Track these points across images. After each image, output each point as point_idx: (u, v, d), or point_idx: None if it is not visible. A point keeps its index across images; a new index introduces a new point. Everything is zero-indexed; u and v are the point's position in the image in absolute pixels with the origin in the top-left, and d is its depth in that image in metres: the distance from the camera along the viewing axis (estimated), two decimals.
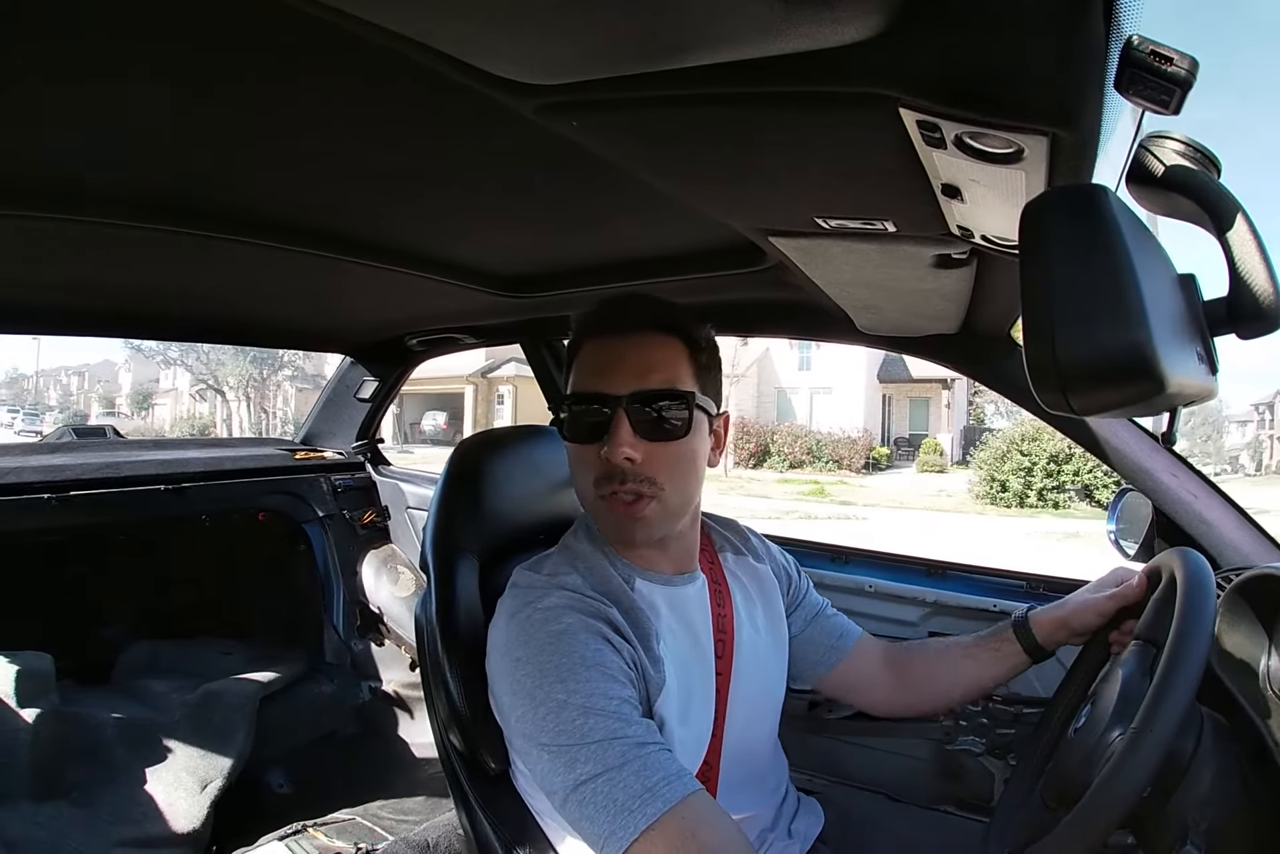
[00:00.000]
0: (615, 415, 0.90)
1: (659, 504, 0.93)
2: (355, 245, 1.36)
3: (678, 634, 0.97)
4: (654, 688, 0.90)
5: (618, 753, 0.77)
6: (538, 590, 0.91)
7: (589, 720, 0.78)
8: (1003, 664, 1.14)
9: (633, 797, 0.75)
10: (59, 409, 50.64)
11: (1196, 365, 0.59)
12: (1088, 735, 0.88)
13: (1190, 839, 0.75)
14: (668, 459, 0.92)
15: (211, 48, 0.69)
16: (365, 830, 1.99)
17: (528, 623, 0.87)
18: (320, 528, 2.76)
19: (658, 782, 0.76)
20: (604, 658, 0.84)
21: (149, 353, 33.81)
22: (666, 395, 0.92)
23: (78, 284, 1.61)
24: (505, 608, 0.93)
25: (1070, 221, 0.53)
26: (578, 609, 0.88)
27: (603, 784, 0.76)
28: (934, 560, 1.87)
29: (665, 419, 0.92)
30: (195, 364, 33.13)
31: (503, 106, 0.68)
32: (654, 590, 0.98)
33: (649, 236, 1.34)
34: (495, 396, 25.97)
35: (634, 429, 0.90)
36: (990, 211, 0.78)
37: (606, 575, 0.96)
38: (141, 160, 0.98)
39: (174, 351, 32.78)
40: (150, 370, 43.24)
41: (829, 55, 0.51)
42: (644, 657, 0.90)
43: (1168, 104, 0.48)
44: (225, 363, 32.29)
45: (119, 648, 2.55)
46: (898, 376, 25.23)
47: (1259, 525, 1.29)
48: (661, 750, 0.80)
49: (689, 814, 0.75)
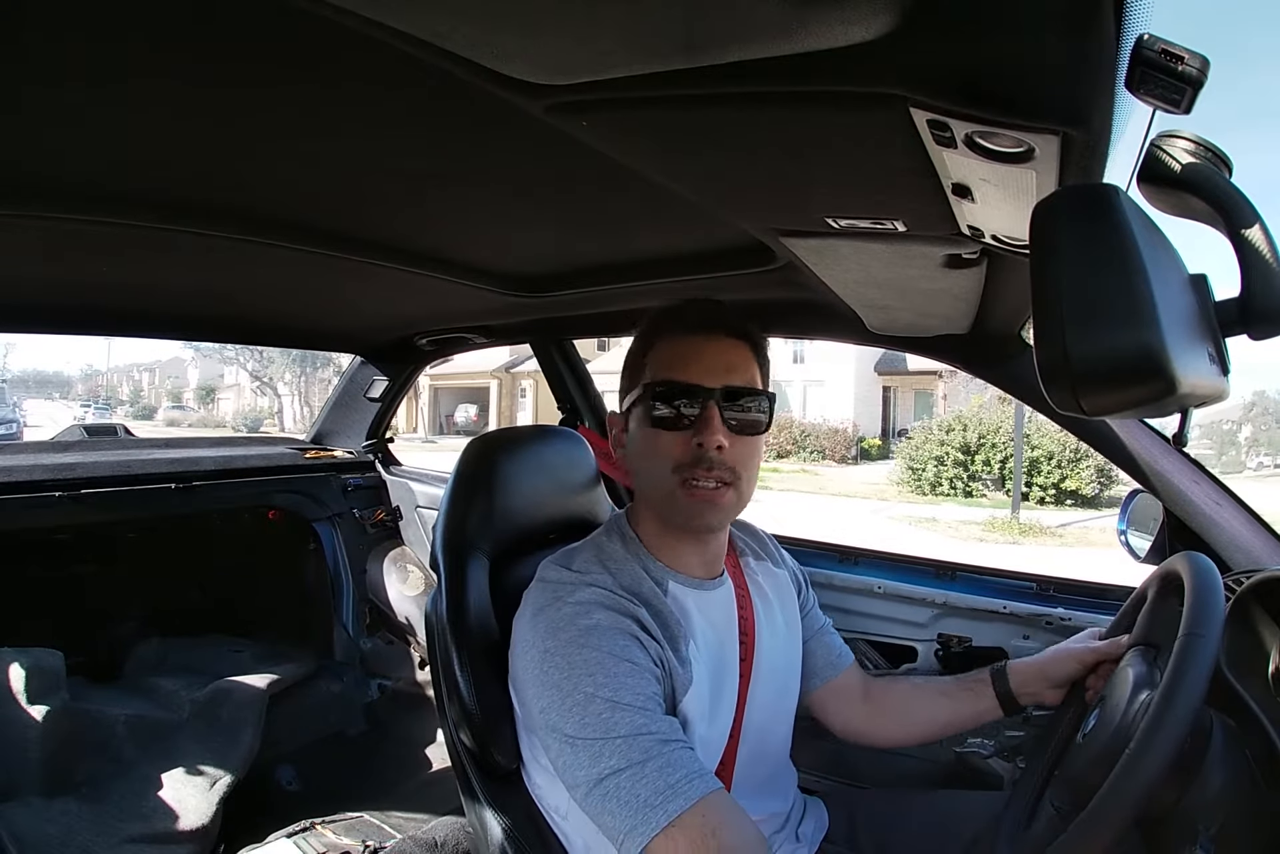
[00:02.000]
0: (708, 406, 0.94)
1: (735, 493, 0.96)
2: (367, 246, 1.36)
3: (708, 637, 0.98)
4: (680, 687, 0.91)
5: (642, 748, 0.78)
6: (568, 585, 0.92)
7: (616, 714, 0.79)
8: (974, 707, 1.16)
9: (655, 793, 0.75)
10: (129, 403, 52.25)
11: (1208, 366, 0.58)
12: (1096, 739, 0.88)
13: (1200, 842, 0.74)
14: (748, 452, 0.97)
15: (226, 49, 0.69)
16: (374, 828, 1.99)
17: (558, 616, 0.88)
18: (330, 527, 2.77)
19: (680, 779, 0.76)
20: (632, 653, 0.85)
21: (206, 351, 35.32)
22: (751, 392, 0.97)
23: (88, 284, 1.62)
24: (533, 601, 0.94)
25: (1081, 221, 0.52)
26: (607, 605, 0.89)
27: (626, 779, 0.76)
28: (944, 561, 1.86)
29: (750, 414, 0.97)
30: (250, 362, 34.51)
31: (513, 107, 0.68)
32: (686, 594, 0.99)
33: (659, 237, 1.34)
34: (518, 391, 26.61)
35: (724, 420, 0.94)
36: (1001, 211, 0.78)
37: (638, 577, 0.96)
38: (154, 161, 0.99)
39: (230, 351, 34.40)
40: (216, 366, 44.42)
41: (839, 55, 0.51)
42: (671, 656, 0.91)
43: (1179, 103, 0.47)
44: (275, 360, 33.51)
45: (129, 645, 2.57)
46: (897, 369, 25.39)
47: (1271, 528, 1.28)
48: (684, 748, 0.81)
49: (710, 812, 0.76)
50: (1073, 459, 14.87)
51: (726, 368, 0.96)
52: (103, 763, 2.06)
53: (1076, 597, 1.68)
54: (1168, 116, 0.51)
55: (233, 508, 2.67)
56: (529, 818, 0.99)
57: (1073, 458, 14.85)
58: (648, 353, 0.99)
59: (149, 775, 2.05)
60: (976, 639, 1.74)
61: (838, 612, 1.88)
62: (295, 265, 1.44)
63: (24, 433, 20.03)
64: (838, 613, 1.88)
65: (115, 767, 2.06)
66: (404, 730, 2.58)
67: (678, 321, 0.99)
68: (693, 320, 0.99)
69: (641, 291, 1.60)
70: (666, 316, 1.01)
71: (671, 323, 0.99)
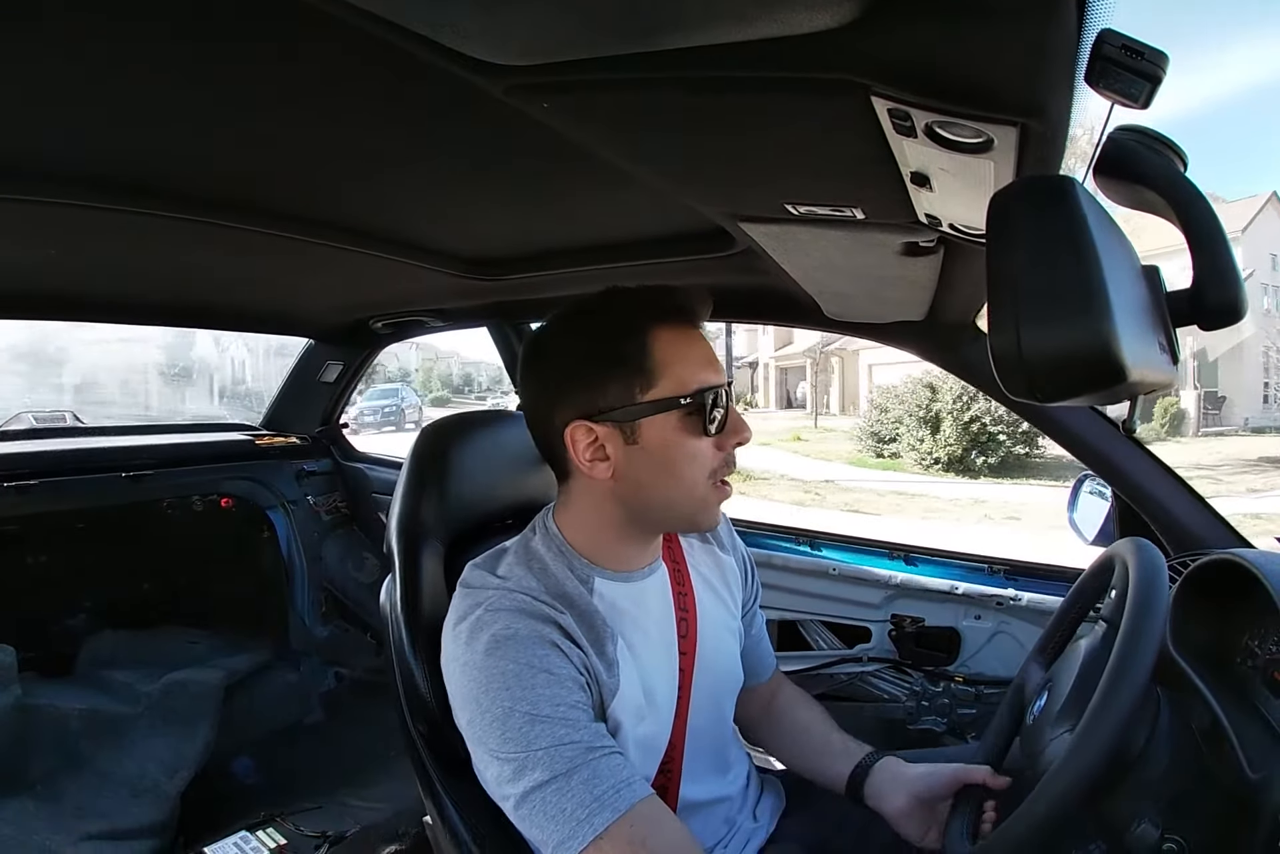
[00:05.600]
0: (730, 403, 0.91)
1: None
2: (321, 226, 1.33)
3: (640, 628, 0.96)
4: (608, 692, 0.89)
5: (566, 759, 0.77)
6: (489, 591, 0.89)
7: (535, 727, 0.78)
8: (831, 775, 1.12)
9: (581, 806, 0.75)
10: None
11: (1158, 355, 0.60)
12: (1046, 717, 0.91)
13: (1148, 816, 0.77)
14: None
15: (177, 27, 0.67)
16: (333, 819, 1.98)
17: (476, 625, 0.85)
18: (284, 513, 2.73)
19: (606, 790, 0.76)
20: (550, 663, 0.83)
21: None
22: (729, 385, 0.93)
23: (26, 267, 1.57)
24: (455, 608, 0.91)
25: (1038, 212, 0.53)
26: (527, 613, 0.86)
27: (551, 793, 0.76)
28: (898, 543, 1.90)
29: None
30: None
31: (472, 87, 0.66)
32: (613, 588, 0.95)
33: (618, 220, 1.34)
34: (830, 367, 27.59)
35: None
36: (958, 201, 0.79)
37: (562, 577, 0.93)
38: (95, 139, 0.95)
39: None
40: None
41: (802, 41, 0.50)
42: (596, 662, 0.89)
43: (1137, 98, 0.48)
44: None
45: (81, 638, 2.51)
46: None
47: (1216, 512, 1.33)
48: (611, 755, 0.80)
49: (638, 822, 0.76)
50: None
51: (718, 362, 0.94)
52: (58, 759, 2.02)
53: (1026, 578, 1.72)
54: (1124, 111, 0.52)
55: (184, 496, 2.61)
56: (486, 807, 0.98)
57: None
58: (648, 350, 0.88)
59: (105, 771, 2.02)
60: (929, 619, 1.78)
61: (794, 594, 1.90)
62: (247, 247, 1.40)
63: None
64: (794, 595, 1.90)
65: (70, 763, 2.03)
66: (362, 719, 2.56)
67: (674, 312, 0.91)
68: (688, 311, 0.92)
69: (600, 275, 1.59)
70: (663, 306, 0.91)
71: (666, 313, 0.91)
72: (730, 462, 0.92)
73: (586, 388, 0.88)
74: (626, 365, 0.87)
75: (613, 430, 0.88)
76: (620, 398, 0.87)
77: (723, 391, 0.89)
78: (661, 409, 0.86)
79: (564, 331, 0.93)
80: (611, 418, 0.87)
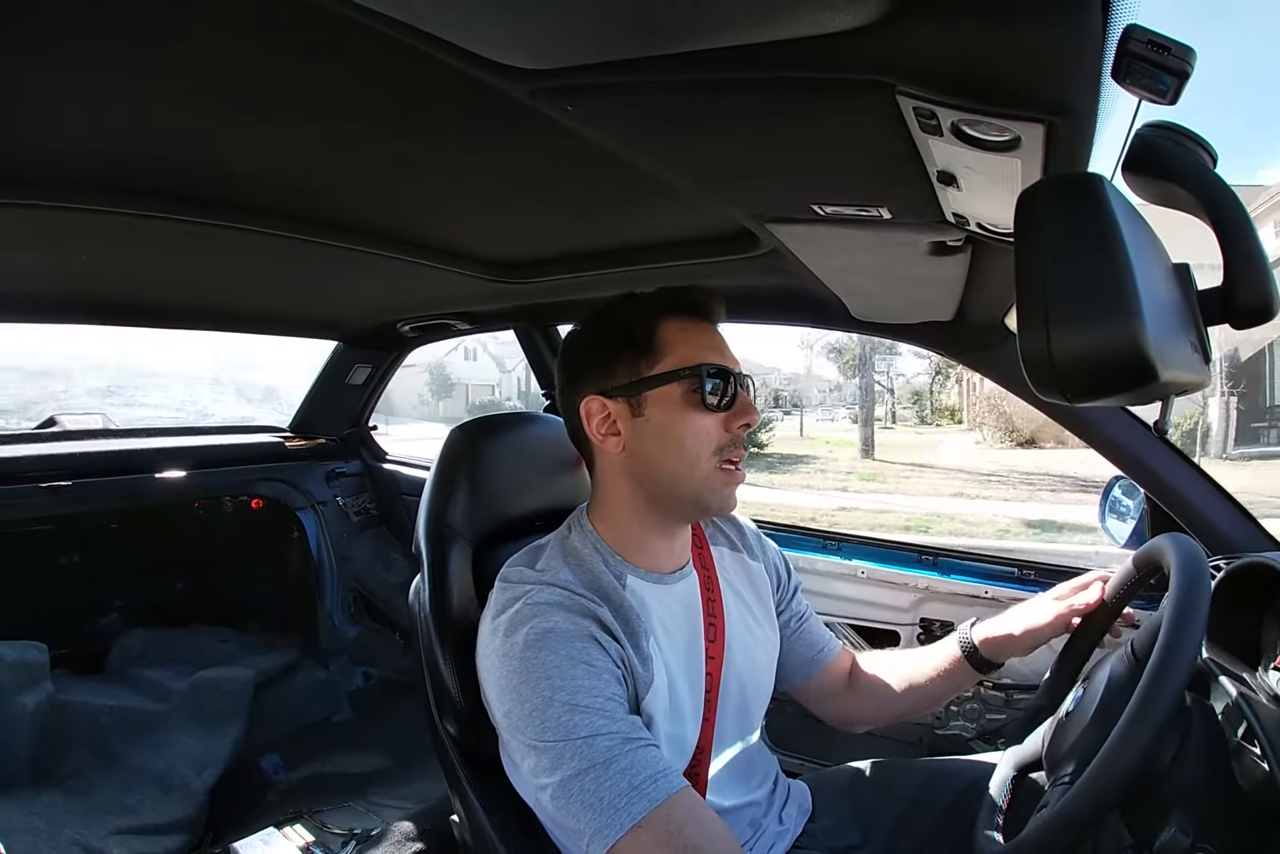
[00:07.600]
0: (740, 387, 0.96)
1: (742, 470, 0.98)
2: (350, 231, 1.35)
3: (669, 630, 0.97)
4: (642, 686, 0.90)
5: (604, 749, 0.78)
6: (528, 586, 0.91)
7: (574, 717, 0.79)
8: (951, 681, 1.16)
9: (619, 795, 0.76)
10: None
11: (1190, 355, 0.59)
12: (1079, 721, 0.89)
13: (1179, 823, 0.76)
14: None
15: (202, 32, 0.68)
16: (361, 816, 2.00)
17: (515, 619, 0.87)
18: (314, 514, 2.76)
19: (644, 780, 0.77)
20: (590, 655, 0.84)
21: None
22: (747, 378, 0.99)
23: (56, 272, 1.60)
24: (494, 603, 0.93)
25: (1066, 210, 0.52)
26: (566, 607, 0.88)
27: (589, 782, 0.77)
28: (926, 546, 1.88)
29: (752, 397, 1.00)
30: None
31: (497, 91, 0.67)
32: (645, 588, 0.98)
33: (643, 222, 1.34)
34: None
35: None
36: (986, 199, 0.78)
37: (598, 572, 0.95)
38: (128, 147, 0.97)
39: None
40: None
41: (826, 42, 0.50)
42: (632, 655, 0.90)
43: (1165, 93, 0.47)
44: None
45: (113, 637, 2.55)
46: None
47: (1249, 514, 1.30)
48: (648, 746, 0.81)
49: (674, 812, 0.76)
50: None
51: (729, 353, 0.98)
52: (89, 755, 2.05)
53: (1056, 581, 1.70)
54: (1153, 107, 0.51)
55: (215, 497, 2.65)
56: (513, 805, 0.99)
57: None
58: (656, 333, 0.96)
59: (135, 767, 2.05)
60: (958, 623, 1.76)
61: (821, 596, 1.89)
62: (276, 252, 1.42)
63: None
64: (820, 597, 1.89)
65: (101, 758, 2.06)
66: (390, 718, 2.58)
67: (685, 304, 0.98)
68: (703, 308, 0.99)
69: (626, 277, 1.59)
70: (679, 300, 0.99)
71: (678, 305, 0.98)
72: (738, 442, 0.96)
73: (600, 367, 0.96)
74: (636, 347, 0.95)
75: (622, 406, 0.95)
76: (628, 374, 0.95)
77: (729, 374, 0.94)
78: (663, 382, 0.93)
79: (588, 326, 1.02)
80: (620, 392, 0.95)
